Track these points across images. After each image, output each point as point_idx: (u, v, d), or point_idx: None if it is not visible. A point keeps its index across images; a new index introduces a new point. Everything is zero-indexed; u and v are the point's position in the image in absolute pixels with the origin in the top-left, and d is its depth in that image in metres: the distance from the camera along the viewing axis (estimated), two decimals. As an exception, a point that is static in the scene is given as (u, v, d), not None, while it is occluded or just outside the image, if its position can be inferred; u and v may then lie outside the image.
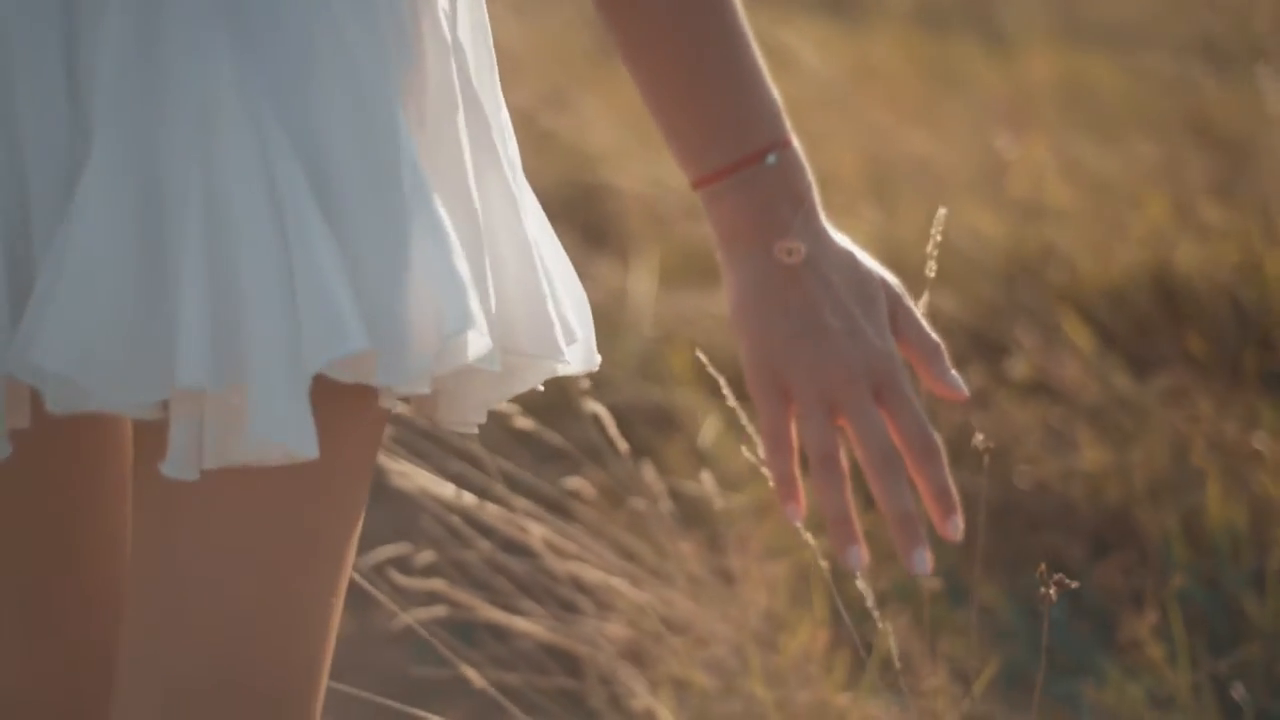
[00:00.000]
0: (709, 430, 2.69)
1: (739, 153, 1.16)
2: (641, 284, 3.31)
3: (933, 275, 1.29)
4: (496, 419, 1.69)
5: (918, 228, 3.44)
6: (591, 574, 1.96)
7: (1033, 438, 2.68)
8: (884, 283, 1.18)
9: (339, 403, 1.06)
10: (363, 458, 1.11)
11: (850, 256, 1.17)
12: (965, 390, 1.19)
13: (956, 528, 1.16)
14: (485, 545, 2.02)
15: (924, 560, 1.14)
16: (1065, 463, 2.62)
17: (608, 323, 3.19)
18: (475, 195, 1.08)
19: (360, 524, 1.13)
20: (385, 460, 1.88)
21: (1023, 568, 2.44)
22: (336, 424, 1.06)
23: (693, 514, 2.35)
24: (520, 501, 1.97)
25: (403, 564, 2.04)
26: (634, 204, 3.70)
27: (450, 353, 1.05)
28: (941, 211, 1.28)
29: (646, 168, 3.93)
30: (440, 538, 2.11)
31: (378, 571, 2.00)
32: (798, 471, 1.17)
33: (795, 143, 1.18)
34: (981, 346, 3.02)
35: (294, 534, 1.09)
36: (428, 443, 2.01)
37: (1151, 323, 3.22)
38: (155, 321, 1.01)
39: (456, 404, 1.12)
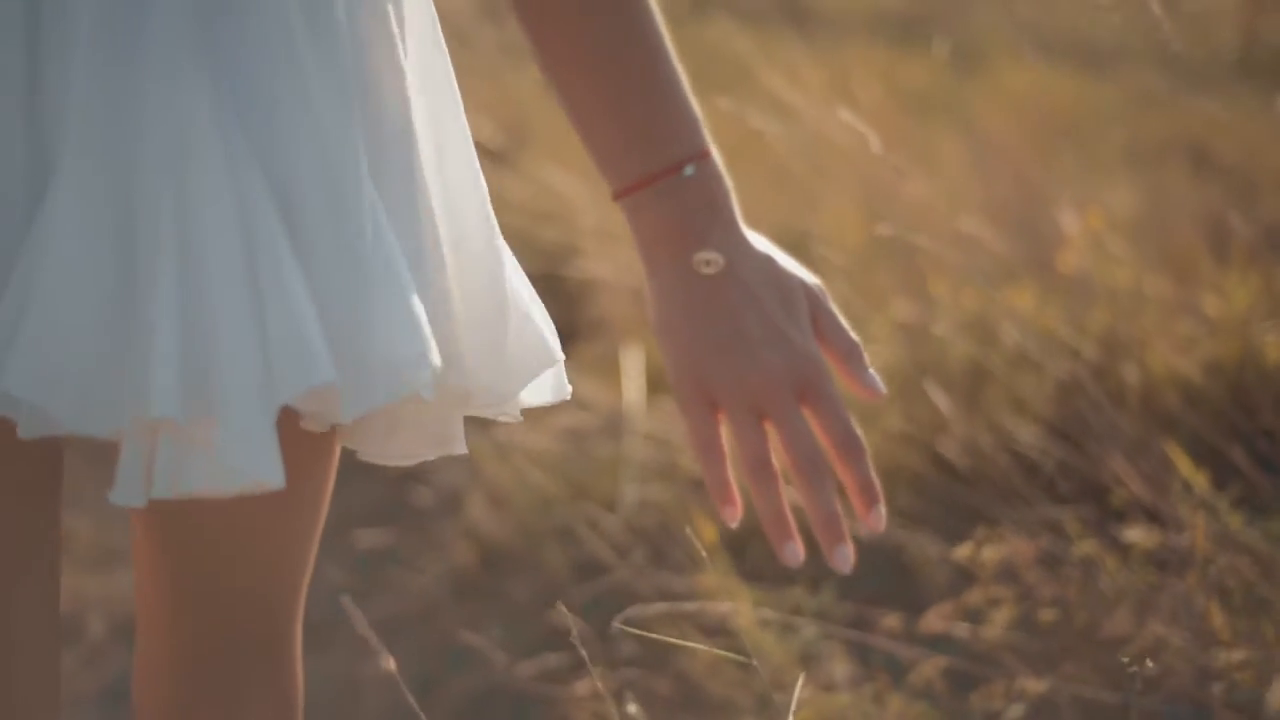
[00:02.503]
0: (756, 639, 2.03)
1: (657, 164, 1.16)
2: (630, 397, 2.67)
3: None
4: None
5: (960, 318, 2.81)
6: None
7: (1165, 623, 2.07)
8: (804, 285, 1.18)
9: (298, 431, 1.11)
10: (325, 479, 1.21)
11: (770, 261, 1.17)
12: (883, 388, 1.18)
13: (879, 517, 1.17)
14: None
15: (846, 557, 1.16)
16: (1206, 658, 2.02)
17: (592, 465, 2.56)
18: (437, 222, 1.12)
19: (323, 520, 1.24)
20: None
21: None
22: (298, 450, 1.11)
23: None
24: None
25: None
26: (605, 281, 3.04)
27: (403, 386, 1.07)
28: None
29: (615, 220, 3.29)
30: None
31: None
32: (731, 476, 1.16)
33: (714, 153, 1.17)
34: (1071, 479, 2.40)
35: (284, 522, 1.21)
36: None
37: (1235, 427, 2.65)
38: (125, 350, 1.02)
39: (401, 435, 1.15)
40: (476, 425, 2.88)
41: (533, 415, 2.80)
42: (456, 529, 2.73)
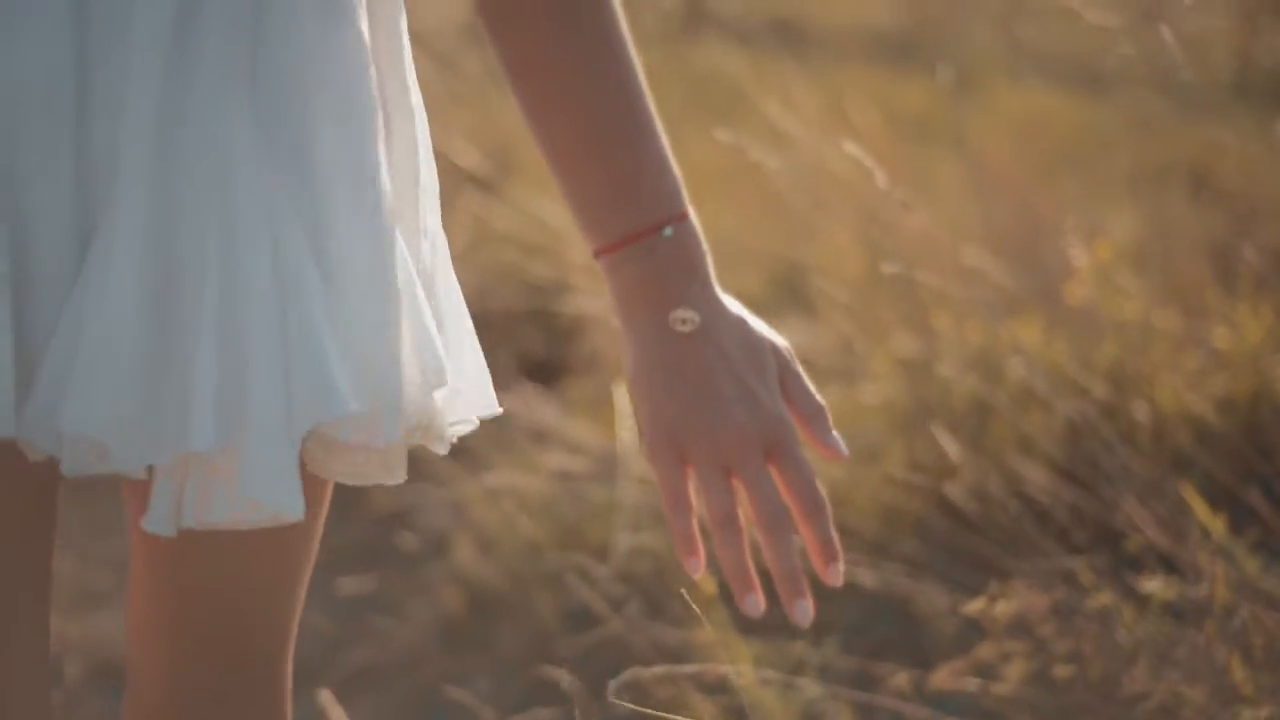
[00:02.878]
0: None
1: (638, 225, 1.19)
2: (623, 437, 2.56)
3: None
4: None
5: (964, 354, 2.71)
6: None
7: (1184, 677, 1.96)
8: (774, 348, 1.22)
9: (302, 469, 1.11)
10: (319, 516, 1.22)
11: (743, 323, 1.21)
12: (845, 450, 1.21)
13: (837, 573, 1.21)
14: None
15: (805, 611, 1.19)
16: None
17: (584, 508, 2.45)
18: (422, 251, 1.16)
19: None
20: None
21: None
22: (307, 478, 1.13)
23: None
24: None
25: None
26: (597, 317, 2.93)
27: (424, 414, 1.11)
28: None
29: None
30: None
31: None
32: (696, 530, 1.20)
33: (692, 215, 1.21)
34: (1084, 524, 2.29)
35: (283, 560, 1.21)
36: None
37: (1250, 467, 2.55)
38: (167, 387, 1.05)
39: (361, 454, 1.14)
40: (465, 467, 2.79)
41: (522, 456, 2.69)
42: (443, 574, 2.63)
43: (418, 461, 2.83)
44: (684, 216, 1.20)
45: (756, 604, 1.20)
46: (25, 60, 1.05)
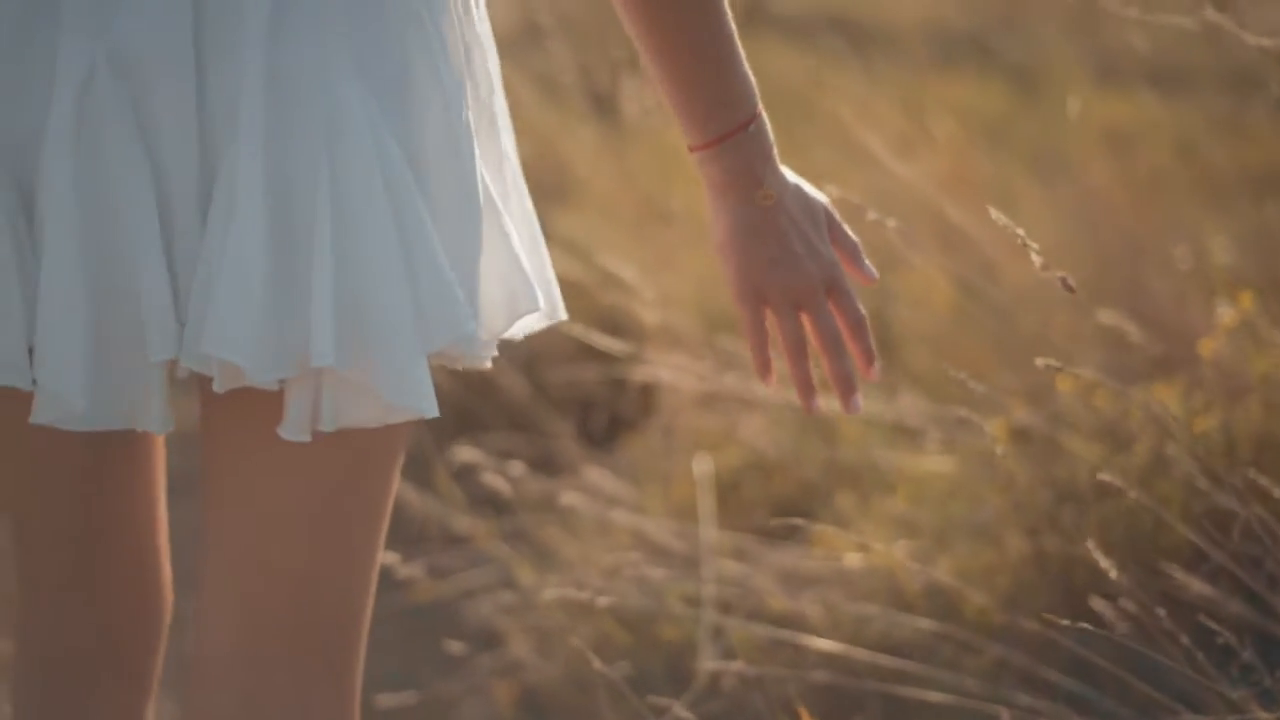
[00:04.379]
0: None
1: (731, 124, 1.42)
2: (704, 514, 2.19)
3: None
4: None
5: (1092, 423, 2.33)
6: None
7: None
8: (824, 207, 1.49)
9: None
10: (402, 437, 1.33)
11: (800, 190, 1.47)
12: (874, 273, 1.52)
13: (877, 370, 1.50)
14: None
15: (857, 404, 1.49)
16: None
17: (653, 592, 2.08)
18: (510, 193, 1.37)
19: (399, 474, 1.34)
20: None
21: None
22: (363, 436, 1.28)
23: None
24: None
25: None
26: (671, 386, 2.56)
27: (518, 328, 1.33)
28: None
29: (678, 288, 2.82)
30: None
31: None
32: (770, 354, 1.49)
33: (762, 110, 1.44)
34: (1252, 640, 1.92)
35: (353, 478, 1.31)
36: None
37: None
38: (292, 310, 1.21)
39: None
40: (524, 554, 2.43)
41: (588, 542, 2.34)
42: (494, 670, 2.26)
43: (467, 541, 2.49)
44: (760, 114, 1.44)
45: (816, 406, 1.50)
46: (151, 21, 1.22)
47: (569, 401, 2.81)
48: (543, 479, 2.46)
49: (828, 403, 1.64)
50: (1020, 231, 1.82)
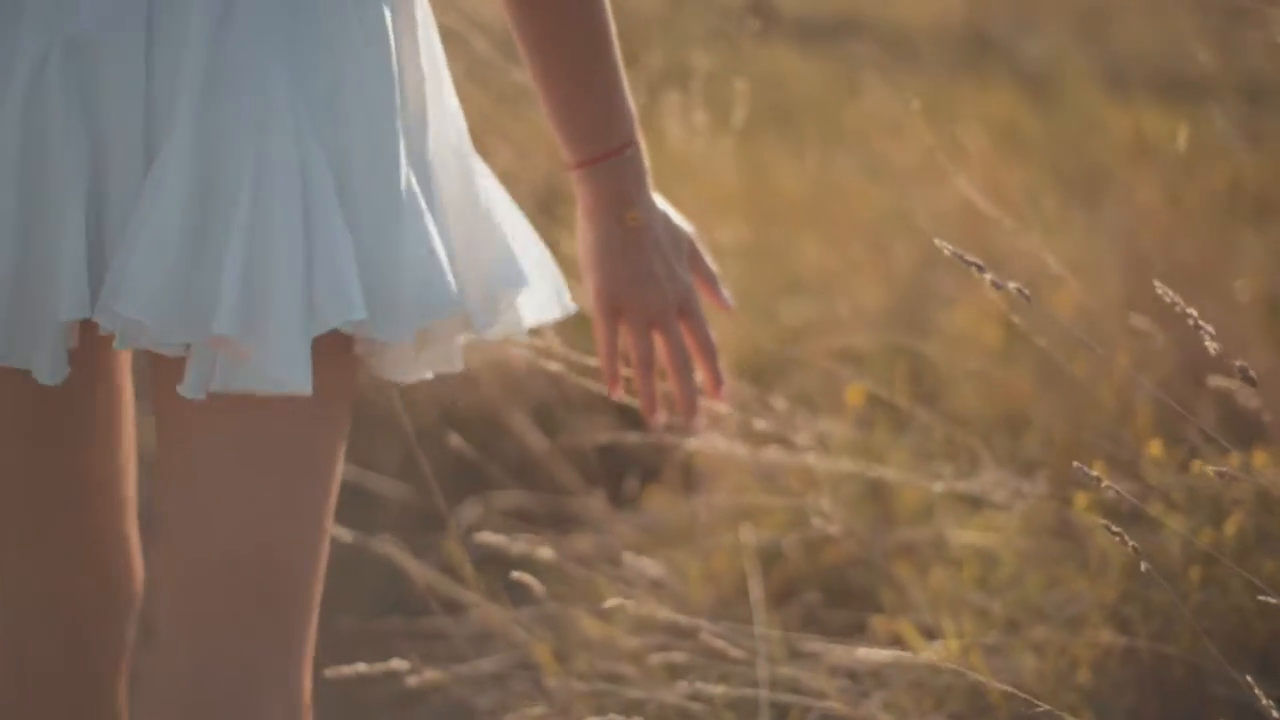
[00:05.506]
0: None
1: (605, 148, 1.51)
2: (755, 600, 1.90)
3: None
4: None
5: (1182, 492, 2.05)
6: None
7: None
8: (687, 237, 1.59)
9: (324, 351, 1.33)
10: (345, 389, 1.39)
11: (667, 216, 1.57)
12: (731, 302, 1.63)
13: (724, 395, 1.62)
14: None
15: (699, 424, 1.61)
16: None
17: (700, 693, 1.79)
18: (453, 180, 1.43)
19: (344, 444, 1.39)
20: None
21: None
22: (323, 366, 1.33)
23: None
24: None
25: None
26: (717, 461, 2.25)
27: (430, 314, 1.36)
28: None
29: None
30: None
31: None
32: (619, 368, 1.59)
33: (639, 138, 1.53)
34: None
35: (293, 443, 1.36)
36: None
37: None
38: (202, 282, 1.29)
39: (425, 355, 1.43)
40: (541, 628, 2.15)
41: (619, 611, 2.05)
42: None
43: (474, 607, 2.20)
44: (636, 141, 1.52)
45: (658, 420, 1.60)
46: (107, 9, 1.30)
47: (589, 455, 2.52)
48: (562, 546, 2.17)
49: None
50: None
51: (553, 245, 1.60)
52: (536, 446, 2.55)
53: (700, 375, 1.60)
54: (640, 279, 1.54)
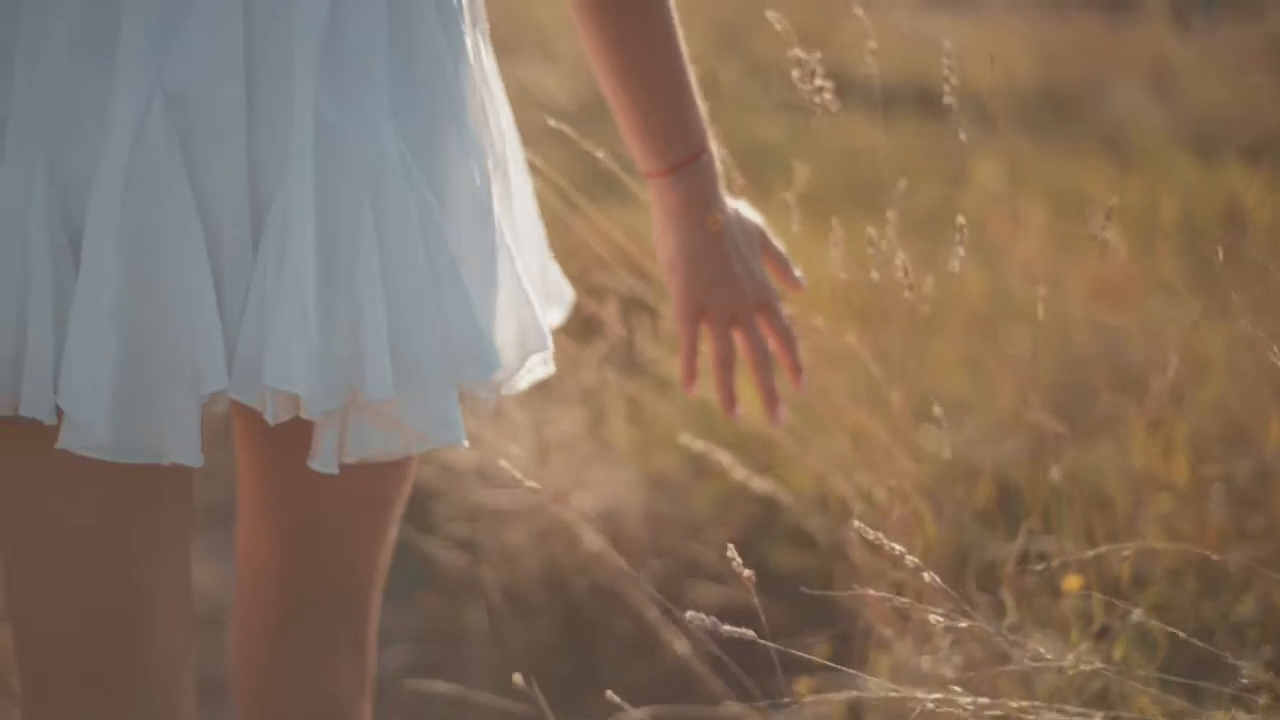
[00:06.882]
0: None
1: (686, 154, 1.52)
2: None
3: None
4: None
5: None
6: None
7: None
8: (758, 227, 1.60)
9: None
10: (411, 461, 1.45)
11: (739, 214, 1.58)
12: (803, 282, 1.63)
13: (804, 384, 1.63)
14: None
15: (780, 415, 1.61)
16: None
17: None
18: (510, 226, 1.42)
19: None
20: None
21: None
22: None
23: None
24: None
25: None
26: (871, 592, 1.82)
27: (528, 367, 1.39)
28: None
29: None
30: None
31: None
32: (697, 366, 1.60)
33: (711, 142, 1.55)
34: None
35: (398, 493, 1.44)
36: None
37: None
38: (341, 345, 1.26)
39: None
40: None
41: None
42: None
43: None
44: (708, 146, 1.54)
45: (738, 413, 1.62)
46: (204, 61, 1.24)
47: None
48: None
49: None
50: None
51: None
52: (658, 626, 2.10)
53: (781, 364, 1.62)
54: (722, 281, 1.55)
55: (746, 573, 1.34)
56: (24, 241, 1.23)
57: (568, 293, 1.58)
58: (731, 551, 1.35)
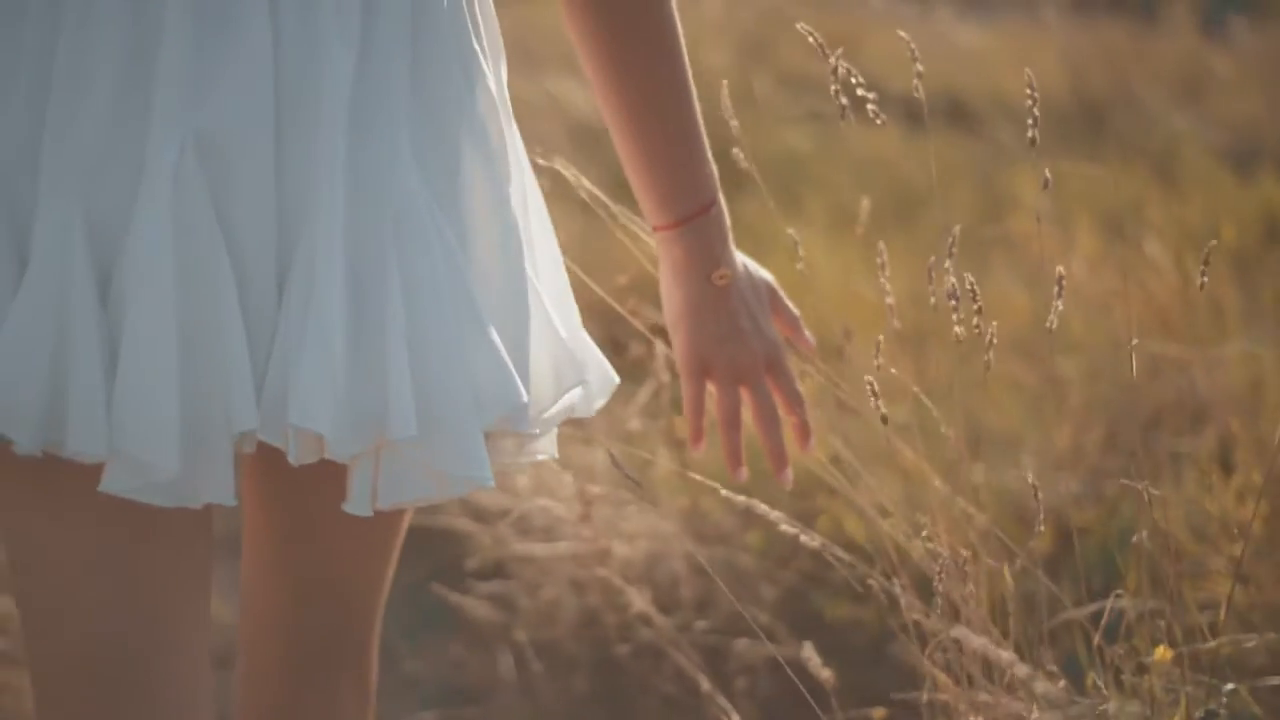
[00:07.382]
0: None
1: (695, 207, 1.48)
2: None
3: None
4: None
5: None
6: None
7: None
8: (767, 284, 1.55)
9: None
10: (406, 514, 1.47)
11: (748, 270, 1.53)
12: (813, 342, 1.59)
13: (812, 446, 1.57)
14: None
15: (788, 477, 1.56)
16: None
17: None
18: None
19: None
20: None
21: None
22: None
23: None
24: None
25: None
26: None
27: (562, 404, 1.36)
28: None
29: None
30: None
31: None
32: (705, 426, 1.55)
33: (720, 196, 1.51)
34: None
35: (406, 526, 1.46)
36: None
37: None
38: (368, 386, 1.24)
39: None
40: None
41: None
42: None
43: None
44: (719, 198, 1.50)
45: (743, 474, 1.54)
46: (235, 107, 1.24)
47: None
48: None
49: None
50: None
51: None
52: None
53: (789, 425, 1.56)
54: (729, 337, 1.51)
55: (826, 674, 1.21)
56: (62, 287, 1.23)
57: (609, 371, 1.46)
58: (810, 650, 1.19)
